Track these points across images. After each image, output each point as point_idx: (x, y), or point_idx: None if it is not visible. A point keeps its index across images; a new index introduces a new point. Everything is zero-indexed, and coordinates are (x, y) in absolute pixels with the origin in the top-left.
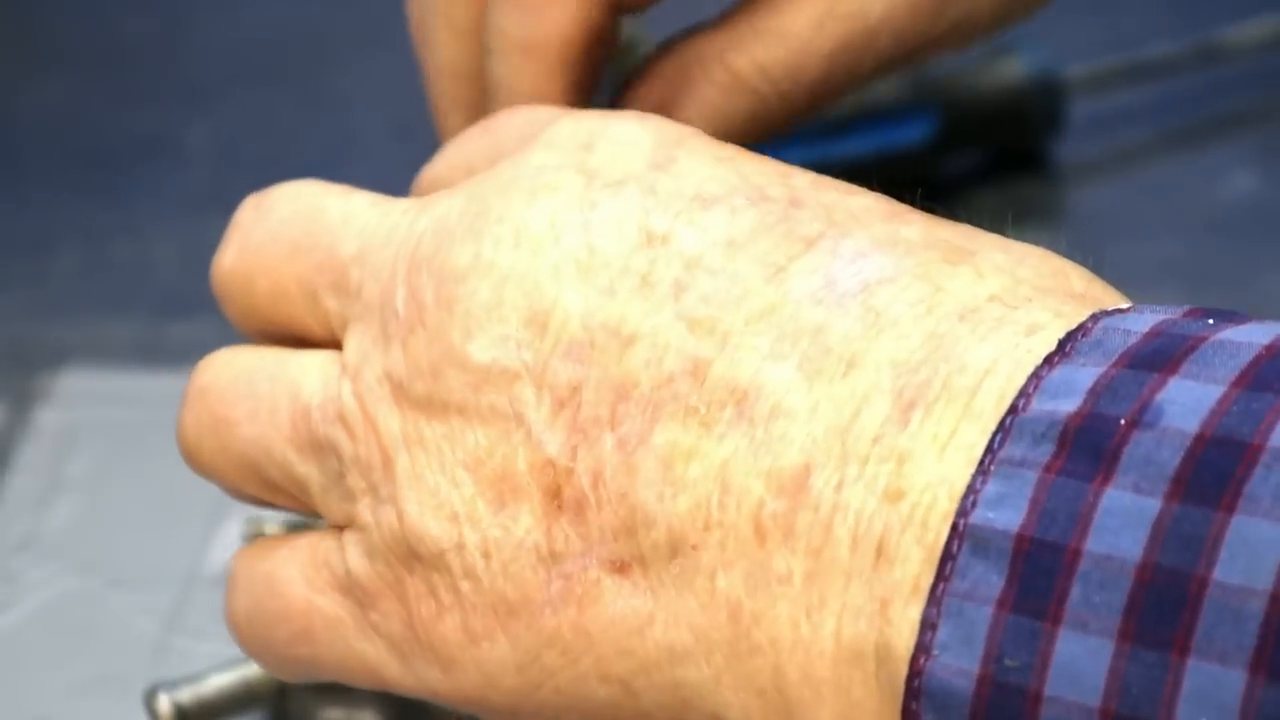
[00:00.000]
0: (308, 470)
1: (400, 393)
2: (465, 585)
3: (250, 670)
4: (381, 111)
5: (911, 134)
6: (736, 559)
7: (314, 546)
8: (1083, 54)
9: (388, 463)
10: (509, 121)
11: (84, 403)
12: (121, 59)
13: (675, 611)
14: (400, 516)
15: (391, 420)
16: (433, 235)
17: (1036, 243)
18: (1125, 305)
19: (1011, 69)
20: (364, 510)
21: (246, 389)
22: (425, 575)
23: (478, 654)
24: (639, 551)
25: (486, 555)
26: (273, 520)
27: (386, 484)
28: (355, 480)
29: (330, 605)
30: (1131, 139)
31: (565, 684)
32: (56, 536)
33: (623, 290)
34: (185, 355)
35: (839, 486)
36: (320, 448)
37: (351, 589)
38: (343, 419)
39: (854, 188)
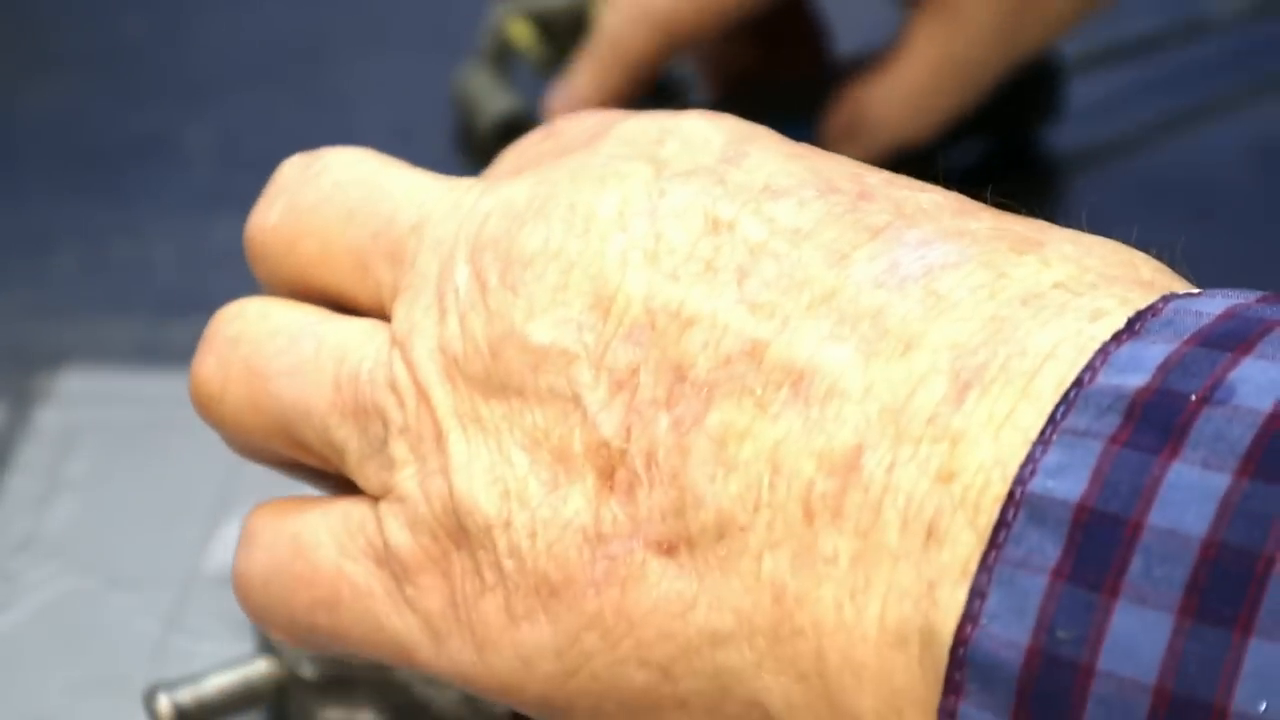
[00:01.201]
0: (347, 434)
1: (455, 368)
2: (509, 564)
3: (250, 670)
4: (381, 111)
5: None
6: (784, 540)
7: (347, 513)
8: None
9: (439, 436)
10: (575, 123)
11: (84, 403)
12: (121, 59)
13: (719, 594)
14: (451, 489)
15: (445, 394)
16: (500, 216)
17: None
18: (1196, 291)
19: None
20: (407, 480)
21: (288, 343)
22: (470, 551)
23: (517, 635)
24: (687, 533)
25: (532, 535)
26: None
27: (437, 455)
28: (400, 450)
29: (363, 575)
30: (1122, 126)
31: (602, 668)
32: (56, 536)
33: (686, 275)
34: (185, 355)
35: (890, 467)
36: (365, 413)
37: (388, 560)
38: (394, 386)
39: (927, 185)
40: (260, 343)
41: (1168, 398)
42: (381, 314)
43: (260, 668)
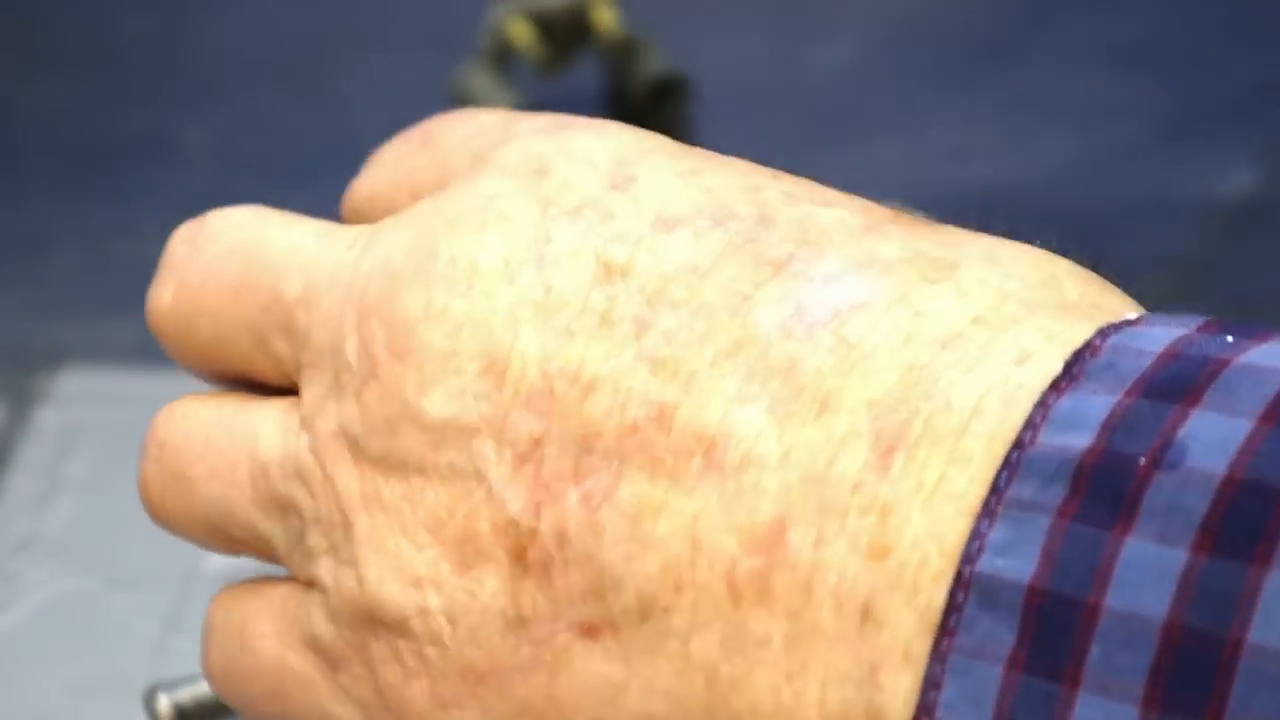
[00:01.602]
0: (271, 528)
1: (357, 450)
2: (431, 651)
3: None
4: (381, 111)
5: None
6: (711, 621)
7: (285, 601)
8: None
9: (347, 524)
10: (452, 132)
11: (84, 403)
12: (121, 59)
13: (649, 678)
14: (360, 581)
15: (350, 478)
16: (380, 278)
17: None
18: (1130, 314)
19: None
20: (325, 571)
21: (204, 446)
22: (389, 641)
23: (449, 719)
24: (609, 615)
25: (452, 621)
26: None
27: (346, 545)
28: (316, 540)
29: (302, 664)
30: (1126, 134)
31: None
32: (56, 536)
33: (582, 332)
34: None
35: (817, 543)
36: (282, 506)
37: (319, 650)
38: (301, 476)
39: (831, 194)
40: (181, 446)
41: (1115, 461)
42: (293, 388)
43: None
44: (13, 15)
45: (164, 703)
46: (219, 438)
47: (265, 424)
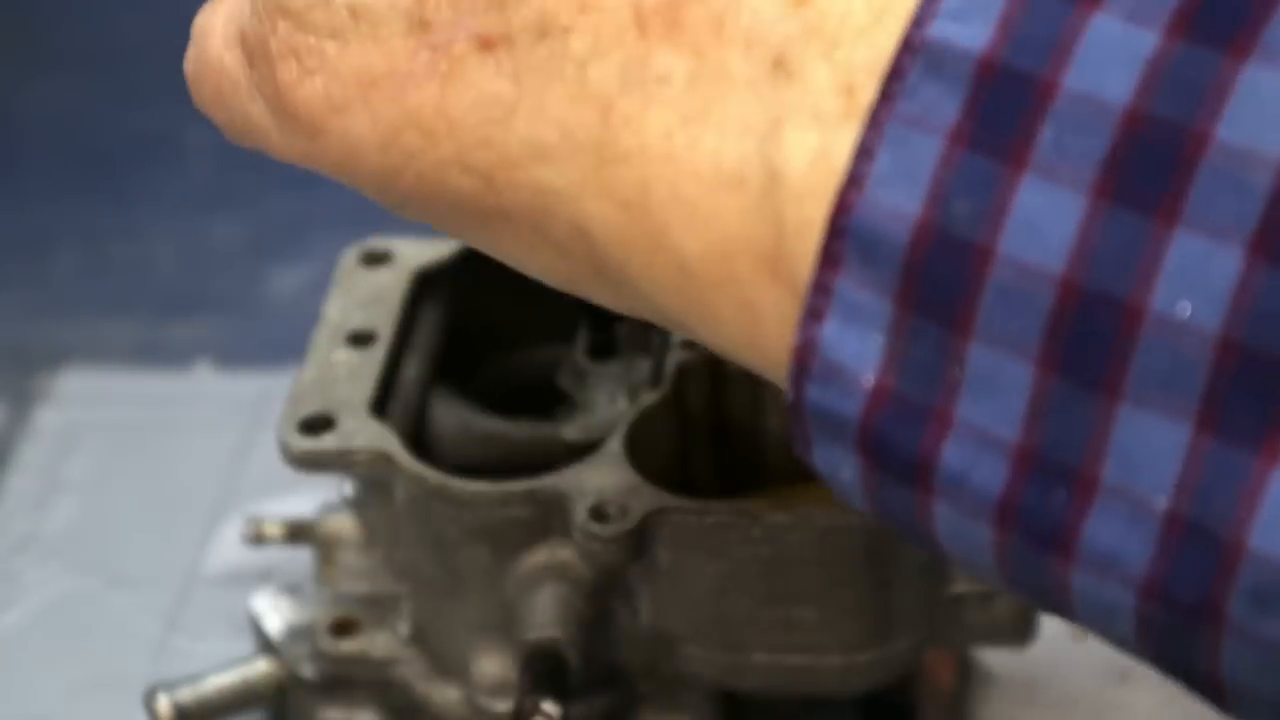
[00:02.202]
0: None
1: None
2: (330, 47)
3: (250, 670)
4: None
5: None
6: (612, 49)
7: (236, 1)
8: None
9: None
10: None
11: (84, 403)
12: (121, 59)
13: (541, 101)
14: None
15: None
16: None
17: None
18: None
19: None
20: None
21: None
22: (290, 34)
23: (340, 123)
24: (508, 29)
25: (355, 15)
26: (272, 520)
27: None
28: None
29: (232, 61)
30: None
31: (427, 169)
32: (56, 536)
33: None
34: (185, 355)
35: None
36: None
37: (245, 45)
38: None
39: None
40: None
41: None
42: None
43: (260, 668)
44: (13, 15)
45: (164, 703)
46: None
47: None
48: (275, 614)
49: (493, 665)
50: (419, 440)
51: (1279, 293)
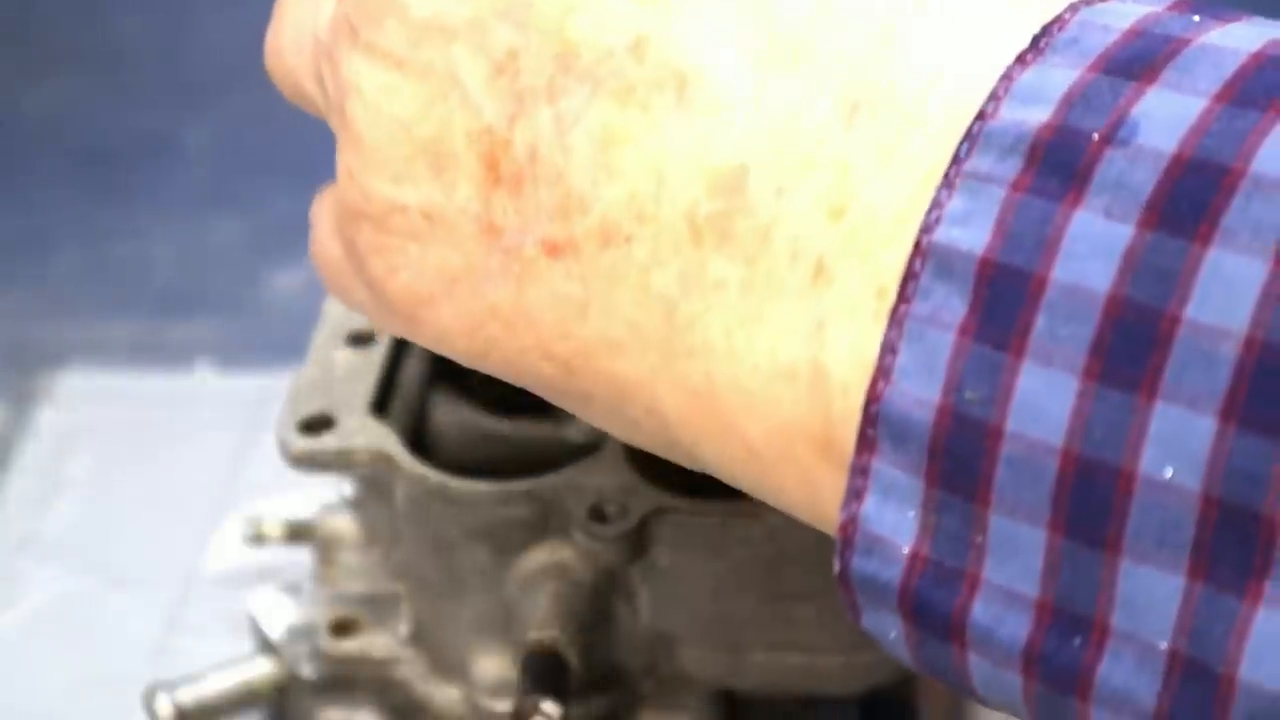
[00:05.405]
0: (315, 92)
1: (354, 36)
2: (412, 248)
3: (250, 670)
4: None
5: None
6: (671, 258)
7: (332, 196)
8: None
9: (340, 109)
10: None
11: (84, 403)
12: (121, 59)
13: (609, 302)
14: (349, 173)
15: (346, 62)
16: None
17: None
18: None
19: None
20: (338, 156)
21: (291, 25)
22: (374, 235)
23: (429, 314)
24: (572, 236)
25: (430, 219)
26: (272, 520)
27: (343, 130)
28: (333, 120)
29: (336, 252)
30: None
31: (511, 355)
32: (56, 536)
33: None
34: (185, 355)
35: (778, 193)
36: (318, 77)
37: (341, 237)
38: (326, 55)
39: None
40: (281, 19)
41: (1069, 137)
42: None
43: (260, 668)
44: (13, 15)
45: (164, 703)
46: (292, 7)
47: (327, 5)
48: (275, 614)
49: (492, 665)
50: (419, 440)
51: (1248, 452)
